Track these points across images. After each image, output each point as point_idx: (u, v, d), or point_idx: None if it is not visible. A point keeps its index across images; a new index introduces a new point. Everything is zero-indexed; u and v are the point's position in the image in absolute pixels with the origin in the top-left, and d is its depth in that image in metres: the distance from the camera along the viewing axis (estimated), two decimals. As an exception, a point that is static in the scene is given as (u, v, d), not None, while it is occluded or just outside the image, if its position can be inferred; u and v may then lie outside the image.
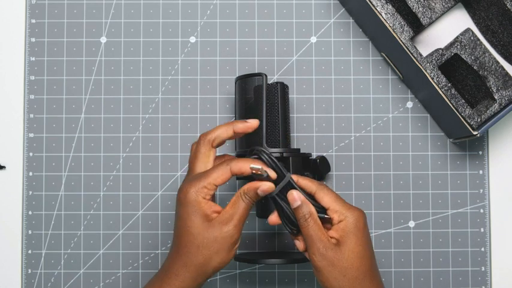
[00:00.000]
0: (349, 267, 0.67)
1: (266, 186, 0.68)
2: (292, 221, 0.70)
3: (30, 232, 0.84)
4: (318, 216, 0.69)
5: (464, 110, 0.77)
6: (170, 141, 0.85)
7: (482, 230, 0.84)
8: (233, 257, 0.69)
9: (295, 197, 0.68)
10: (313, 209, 0.69)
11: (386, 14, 0.78)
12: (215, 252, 0.67)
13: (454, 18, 0.83)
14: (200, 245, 0.67)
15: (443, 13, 0.80)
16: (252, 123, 0.70)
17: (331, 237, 0.68)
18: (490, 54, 0.78)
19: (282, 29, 0.86)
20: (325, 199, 0.69)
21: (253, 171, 0.67)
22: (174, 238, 0.69)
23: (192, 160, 0.70)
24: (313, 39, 0.86)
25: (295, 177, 0.70)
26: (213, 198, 0.69)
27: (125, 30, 0.86)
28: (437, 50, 0.78)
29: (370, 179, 0.84)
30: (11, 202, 0.84)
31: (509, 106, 0.77)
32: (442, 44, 0.81)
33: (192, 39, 0.86)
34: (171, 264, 0.68)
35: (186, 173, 0.78)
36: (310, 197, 0.70)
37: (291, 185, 0.69)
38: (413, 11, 0.79)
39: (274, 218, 0.71)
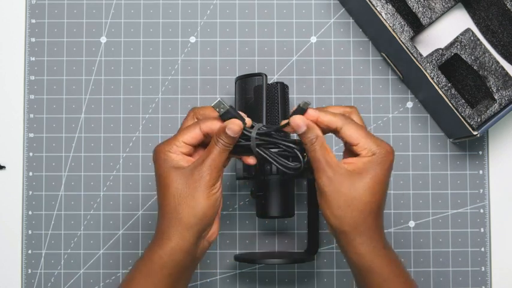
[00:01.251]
0: (356, 198, 0.64)
1: (232, 124, 0.65)
2: (285, 167, 0.67)
3: (30, 232, 0.84)
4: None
5: (464, 110, 0.77)
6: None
7: (482, 230, 0.84)
8: (216, 203, 0.65)
9: (299, 123, 0.65)
10: (319, 132, 0.65)
11: (386, 14, 0.78)
12: (190, 197, 0.64)
13: (454, 18, 0.83)
14: (175, 193, 0.65)
15: (443, 13, 0.80)
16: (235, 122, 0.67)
17: (348, 163, 0.65)
18: (490, 54, 0.78)
19: (282, 29, 0.86)
20: (354, 136, 0.64)
21: (217, 109, 0.65)
22: (157, 198, 0.67)
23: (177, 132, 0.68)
24: (313, 39, 0.86)
25: (315, 112, 0.65)
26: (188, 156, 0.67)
27: (125, 30, 0.86)
28: (437, 50, 0.78)
29: (370, 179, 0.84)
30: (11, 202, 0.84)
31: (509, 106, 0.77)
32: (442, 44, 0.81)
33: (192, 39, 0.86)
34: (158, 225, 0.67)
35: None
36: (334, 132, 0.66)
37: (268, 133, 0.66)
38: (413, 11, 0.79)
39: (250, 160, 0.68)
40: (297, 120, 0.65)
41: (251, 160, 0.68)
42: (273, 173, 0.76)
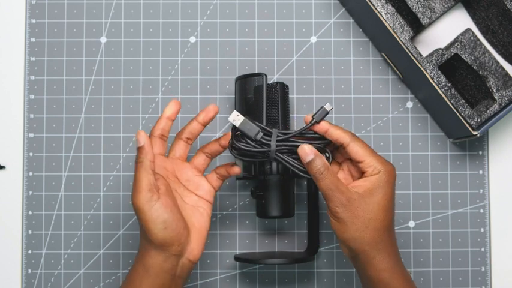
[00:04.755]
0: (373, 218, 0.66)
1: (138, 135, 0.67)
2: (303, 172, 0.69)
3: (30, 232, 0.84)
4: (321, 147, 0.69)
5: (464, 110, 0.77)
6: (170, 141, 0.84)
7: (482, 230, 0.84)
8: (159, 224, 0.67)
9: (307, 151, 0.66)
10: (326, 160, 0.67)
11: (386, 14, 0.78)
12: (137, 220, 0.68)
13: (454, 18, 0.83)
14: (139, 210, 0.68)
15: (443, 13, 0.80)
16: (209, 107, 0.72)
17: (356, 186, 0.67)
18: (490, 54, 0.78)
19: (282, 29, 0.86)
20: (360, 152, 0.67)
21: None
22: None
23: None
24: (313, 39, 0.86)
25: (326, 125, 0.68)
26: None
27: (125, 30, 0.86)
28: (437, 50, 0.78)
29: (370, 179, 0.84)
30: (11, 202, 0.84)
31: (509, 106, 0.77)
32: (442, 44, 0.81)
33: (192, 39, 0.86)
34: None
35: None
36: (334, 148, 0.70)
37: (287, 141, 0.68)
38: (413, 11, 0.79)
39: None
40: (305, 149, 0.67)
41: (237, 169, 0.72)
42: (273, 173, 0.76)
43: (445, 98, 0.77)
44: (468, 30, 0.79)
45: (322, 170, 0.66)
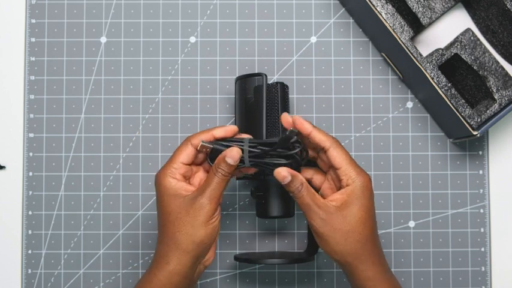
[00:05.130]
0: (351, 230, 0.67)
1: (232, 152, 0.67)
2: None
3: (30, 232, 0.84)
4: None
5: (464, 110, 0.77)
6: (170, 141, 0.85)
7: (482, 230, 0.84)
8: (213, 232, 0.68)
9: (284, 174, 0.68)
10: (302, 178, 0.68)
11: (386, 14, 0.78)
12: (189, 225, 0.67)
13: (454, 18, 0.83)
14: (174, 221, 0.67)
15: (443, 13, 0.80)
16: (229, 127, 0.70)
17: (334, 200, 0.68)
18: (490, 54, 0.78)
19: (282, 29, 0.86)
20: (338, 159, 0.68)
21: (204, 149, 0.69)
22: (157, 223, 0.70)
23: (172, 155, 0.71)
24: (313, 39, 0.86)
25: (310, 127, 0.69)
26: (187, 180, 0.70)
27: (125, 30, 0.86)
28: (437, 50, 0.78)
29: (370, 179, 0.84)
30: (11, 202, 0.84)
31: (509, 106, 0.77)
32: (442, 44, 0.81)
33: (192, 39, 0.86)
34: (157, 249, 0.69)
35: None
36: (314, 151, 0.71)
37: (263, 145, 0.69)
38: (413, 11, 0.79)
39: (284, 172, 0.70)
40: (282, 172, 0.68)
41: (251, 170, 0.72)
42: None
43: (445, 98, 0.77)
44: (468, 30, 0.79)
45: (300, 189, 0.68)
